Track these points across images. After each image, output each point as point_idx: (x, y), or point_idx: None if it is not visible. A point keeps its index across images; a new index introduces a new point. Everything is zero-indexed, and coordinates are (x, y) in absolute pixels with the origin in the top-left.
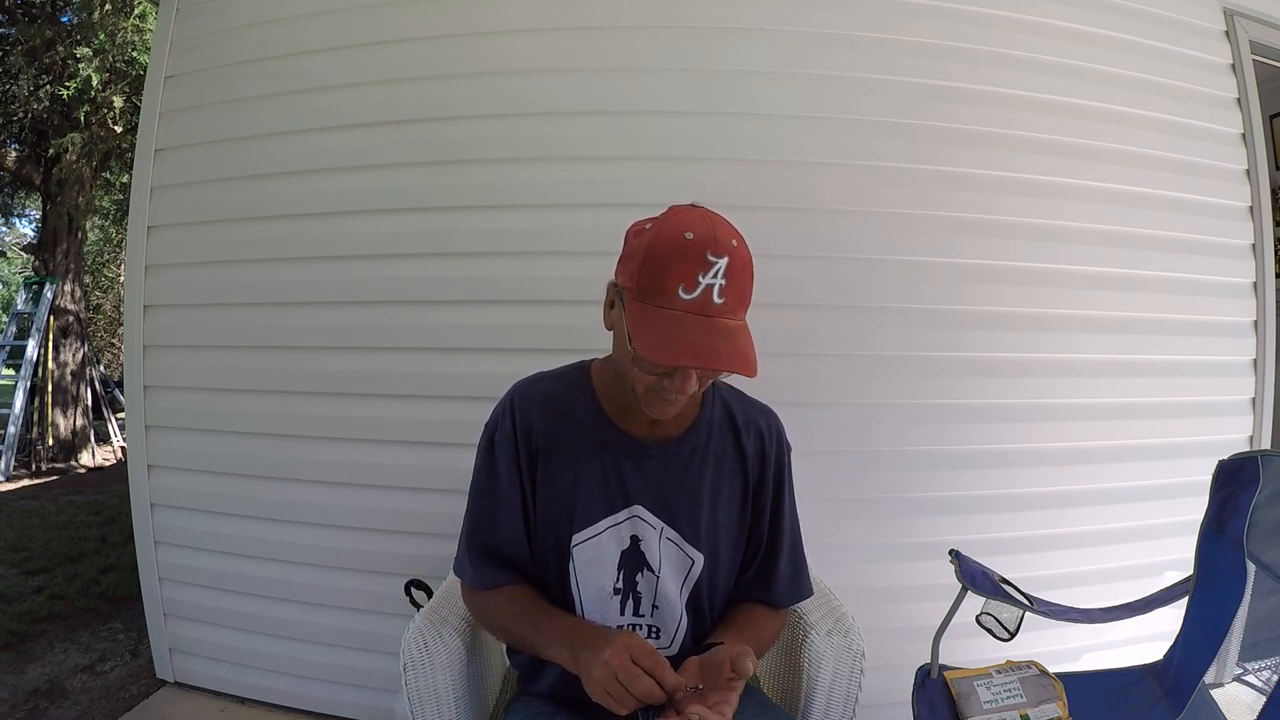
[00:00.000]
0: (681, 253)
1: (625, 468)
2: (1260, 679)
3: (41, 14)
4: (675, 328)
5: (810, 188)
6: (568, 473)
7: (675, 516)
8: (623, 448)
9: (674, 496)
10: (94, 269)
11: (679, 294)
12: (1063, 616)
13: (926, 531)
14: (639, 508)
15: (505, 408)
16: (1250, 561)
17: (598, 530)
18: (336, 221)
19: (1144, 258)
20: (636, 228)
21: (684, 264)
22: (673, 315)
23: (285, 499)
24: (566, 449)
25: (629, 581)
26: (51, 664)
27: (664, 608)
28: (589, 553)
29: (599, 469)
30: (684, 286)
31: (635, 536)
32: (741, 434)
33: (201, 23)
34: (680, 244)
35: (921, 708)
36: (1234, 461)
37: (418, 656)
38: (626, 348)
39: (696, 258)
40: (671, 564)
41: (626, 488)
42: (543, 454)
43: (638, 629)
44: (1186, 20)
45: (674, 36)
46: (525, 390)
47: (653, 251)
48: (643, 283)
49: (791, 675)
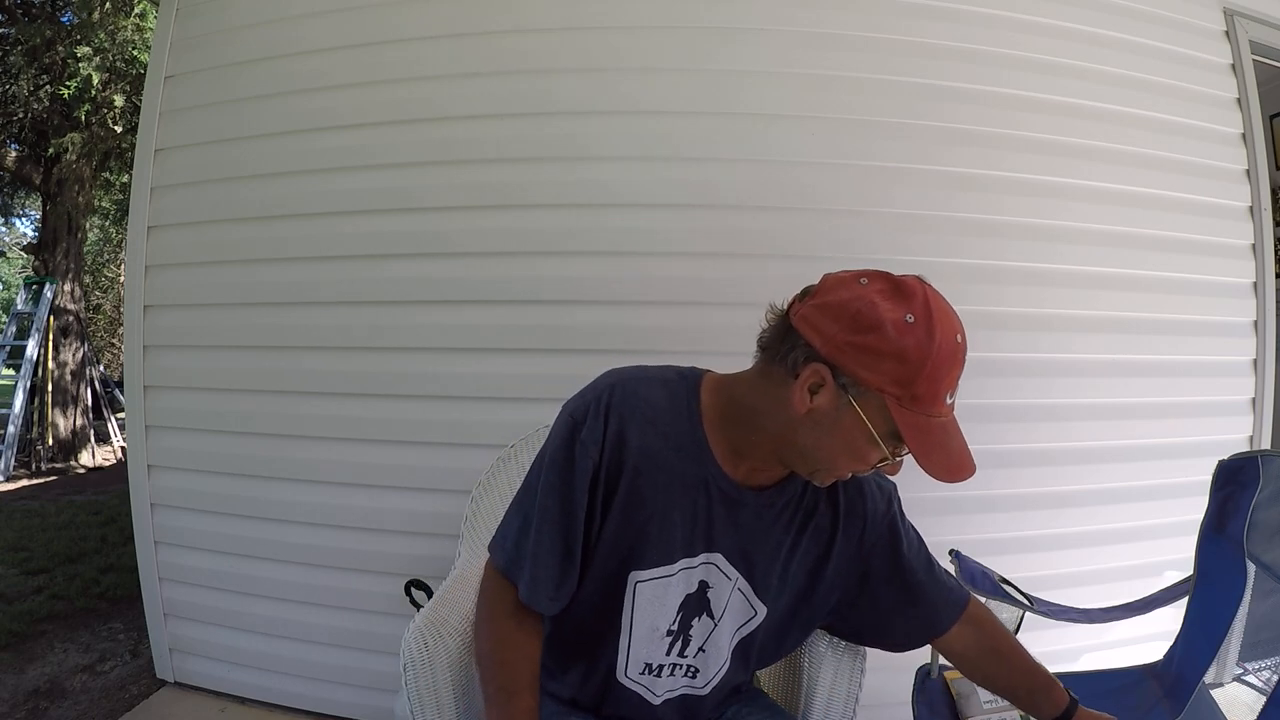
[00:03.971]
0: (955, 358)
1: (716, 513)
2: (1260, 679)
3: (41, 13)
4: (948, 438)
5: (811, 188)
6: (654, 503)
7: (753, 569)
8: (720, 490)
9: (757, 549)
10: (94, 269)
11: (946, 400)
12: (1063, 616)
13: (927, 531)
14: (718, 556)
15: (599, 405)
16: (1250, 561)
17: (670, 572)
18: (336, 221)
19: (1144, 258)
20: (892, 318)
21: (955, 370)
22: (942, 424)
23: (285, 499)
24: (659, 476)
25: (684, 625)
26: (51, 664)
27: (710, 652)
28: (653, 591)
29: (689, 508)
30: (950, 393)
31: (705, 582)
32: (838, 487)
33: (201, 23)
34: (955, 349)
35: (921, 708)
36: (1234, 461)
37: (418, 656)
38: (828, 442)
39: (962, 362)
40: (733, 613)
41: (712, 534)
42: (629, 474)
43: (677, 669)
44: (1186, 20)
45: (675, 36)
46: (626, 393)
47: (938, 361)
48: (919, 392)
49: (791, 675)
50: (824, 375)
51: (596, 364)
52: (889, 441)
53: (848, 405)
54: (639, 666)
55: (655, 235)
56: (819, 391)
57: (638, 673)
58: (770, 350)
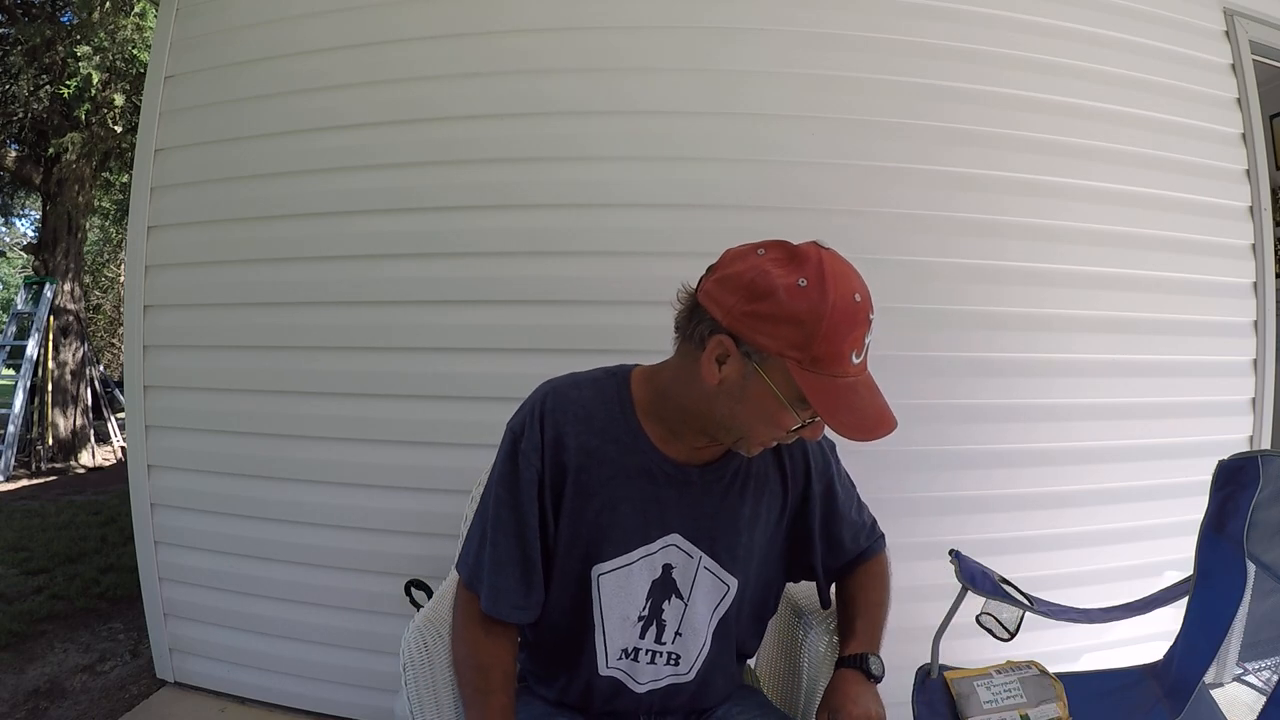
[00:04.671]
0: (853, 318)
1: (665, 495)
2: (1260, 679)
3: (41, 13)
4: (855, 397)
5: (811, 188)
6: (601, 497)
7: (715, 544)
8: (664, 473)
9: (714, 523)
10: (94, 269)
11: (851, 360)
12: (1063, 616)
13: (927, 531)
14: (676, 536)
15: (533, 415)
16: (1250, 561)
17: (630, 560)
18: (337, 221)
19: (1144, 258)
20: (779, 286)
21: (857, 330)
22: (848, 384)
23: (285, 499)
24: (601, 471)
25: (655, 609)
26: (51, 664)
27: (687, 635)
28: (617, 581)
29: (637, 496)
30: (855, 352)
31: (668, 565)
32: (781, 450)
33: (201, 23)
34: (853, 308)
35: (921, 708)
36: (1234, 461)
37: (418, 656)
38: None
39: (865, 320)
40: (705, 591)
41: (665, 516)
42: (573, 473)
43: (657, 655)
44: (1186, 20)
45: (675, 36)
46: (558, 398)
47: (833, 321)
48: (818, 353)
49: (791, 675)
50: (728, 346)
51: (597, 364)
52: (797, 406)
53: (753, 373)
54: (616, 654)
55: (655, 235)
56: (725, 362)
57: (616, 660)
58: (682, 329)
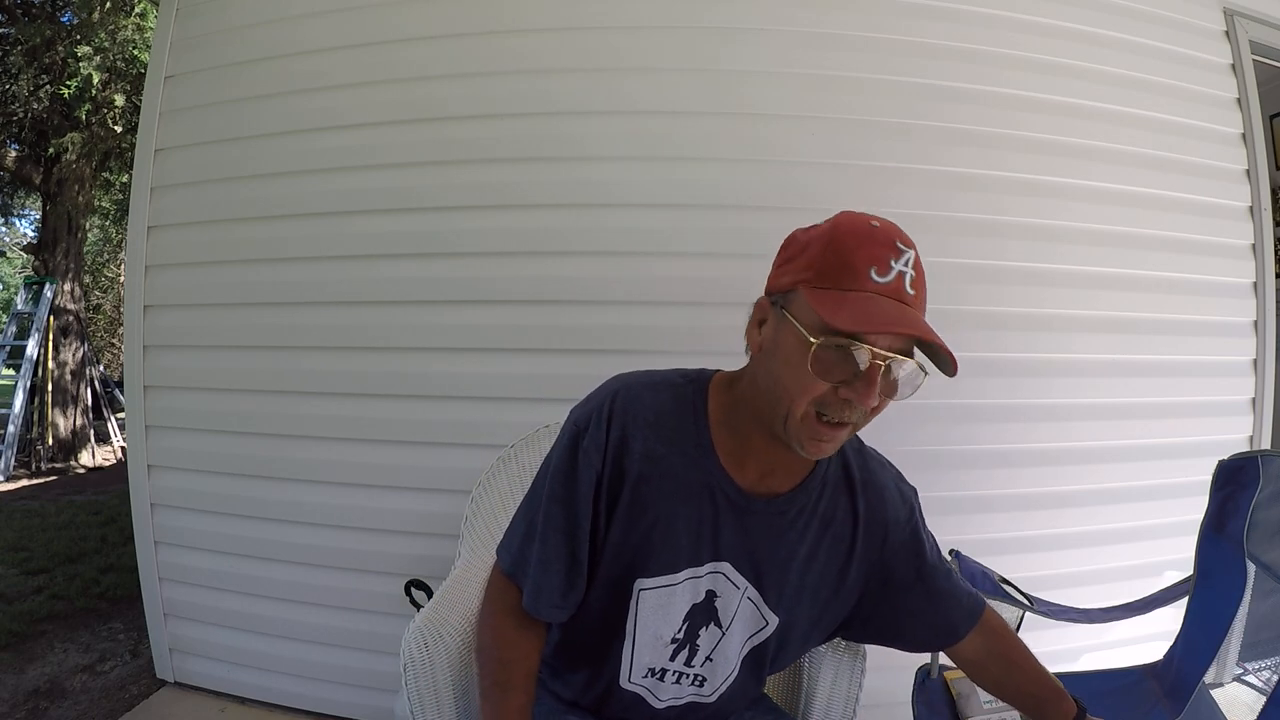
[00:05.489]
0: (870, 237)
1: (723, 520)
2: (1260, 679)
3: (41, 13)
4: (872, 305)
5: (811, 188)
6: (657, 510)
7: (762, 579)
8: (726, 496)
9: (767, 558)
10: (94, 269)
11: (871, 276)
12: (1063, 616)
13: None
14: (726, 565)
15: (601, 411)
16: (1250, 561)
17: (675, 580)
18: (337, 221)
19: (1144, 258)
20: (799, 235)
21: (875, 248)
22: (866, 296)
23: (286, 499)
24: (663, 482)
25: (691, 634)
26: (51, 664)
27: (718, 661)
28: (658, 599)
29: (694, 516)
30: (877, 270)
31: (712, 592)
32: (857, 494)
33: (201, 23)
34: (867, 229)
35: (921, 708)
36: (1234, 461)
37: (418, 656)
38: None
39: (887, 243)
40: (743, 622)
41: (718, 542)
42: (632, 480)
43: (683, 677)
44: (1186, 20)
45: (675, 36)
46: (631, 397)
47: (837, 236)
48: (825, 267)
49: (791, 675)
50: (764, 306)
51: (596, 364)
52: (816, 334)
53: (782, 318)
54: (642, 671)
55: (655, 235)
56: (764, 323)
57: (640, 676)
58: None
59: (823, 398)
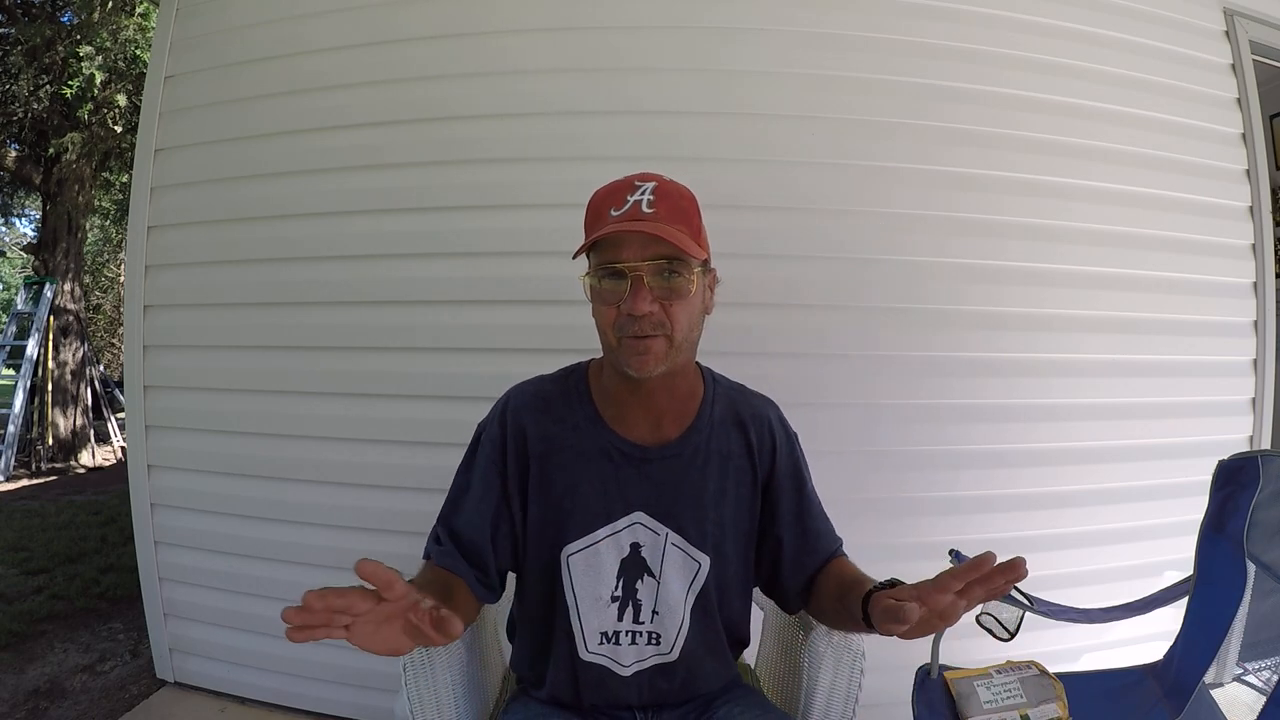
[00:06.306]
0: (611, 189)
1: (624, 475)
2: (1260, 679)
3: (41, 13)
4: (605, 228)
5: (811, 188)
6: (563, 480)
7: (680, 521)
8: (622, 453)
9: (677, 501)
10: (94, 269)
11: (610, 214)
12: (1063, 616)
13: (928, 531)
14: (640, 514)
15: (497, 412)
16: (1250, 561)
17: (594, 539)
18: (337, 221)
19: (1144, 258)
20: None
21: (613, 194)
22: (604, 227)
23: (285, 499)
24: (562, 456)
25: (629, 589)
26: (51, 664)
27: (665, 613)
28: (585, 560)
29: (596, 477)
30: (615, 207)
31: (636, 544)
32: (747, 427)
33: (202, 22)
34: (611, 184)
35: (921, 708)
36: (1234, 461)
37: (418, 656)
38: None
39: (625, 185)
40: (676, 569)
41: (626, 495)
42: (536, 461)
43: (638, 635)
44: (1186, 20)
45: (675, 36)
46: (520, 394)
47: (590, 202)
48: (586, 227)
49: (791, 675)
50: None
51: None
52: (594, 270)
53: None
54: (595, 638)
55: None
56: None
57: (596, 644)
58: None
59: (617, 321)
